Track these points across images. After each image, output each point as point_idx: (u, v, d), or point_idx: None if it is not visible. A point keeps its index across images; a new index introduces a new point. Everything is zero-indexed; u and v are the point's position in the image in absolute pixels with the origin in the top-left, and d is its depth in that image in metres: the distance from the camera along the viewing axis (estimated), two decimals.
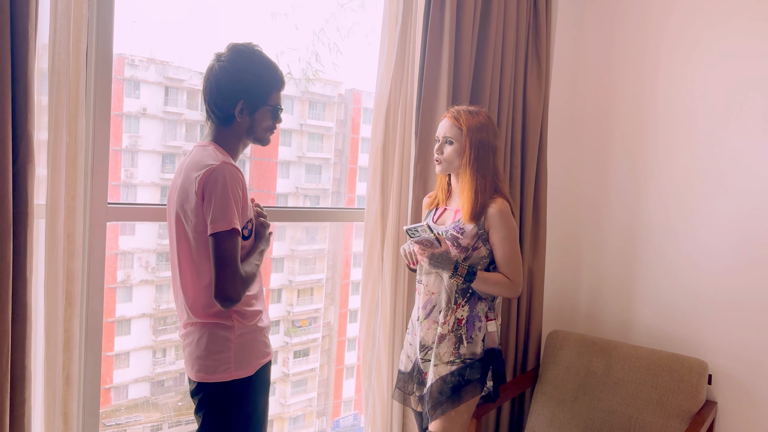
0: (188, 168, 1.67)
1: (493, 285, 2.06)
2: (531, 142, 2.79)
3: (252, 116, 1.73)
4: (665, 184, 2.79)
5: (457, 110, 2.12)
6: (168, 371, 2.62)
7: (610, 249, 2.98)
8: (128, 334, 2.52)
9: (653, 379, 2.52)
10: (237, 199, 1.61)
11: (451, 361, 2.07)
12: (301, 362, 3.05)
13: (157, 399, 2.59)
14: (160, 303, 2.58)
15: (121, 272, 2.46)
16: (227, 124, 1.73)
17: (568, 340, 2.80)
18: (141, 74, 2.40)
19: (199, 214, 1.62)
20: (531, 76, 2.79)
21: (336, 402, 3.16)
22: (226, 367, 1.68)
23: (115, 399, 2.51)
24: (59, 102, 1.70)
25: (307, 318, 3.05)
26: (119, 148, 2.35)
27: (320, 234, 3.07)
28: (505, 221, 2.05)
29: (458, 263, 2.03)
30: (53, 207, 1.72)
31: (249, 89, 1.70)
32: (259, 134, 1.77)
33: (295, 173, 2.87)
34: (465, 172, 2.08)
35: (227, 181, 1.58)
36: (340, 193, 3.00)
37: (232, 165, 1.62)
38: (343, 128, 3.00)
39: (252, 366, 1.72)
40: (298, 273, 3.00)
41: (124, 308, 2.49)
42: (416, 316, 2.22)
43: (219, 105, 1.70)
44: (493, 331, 2.10)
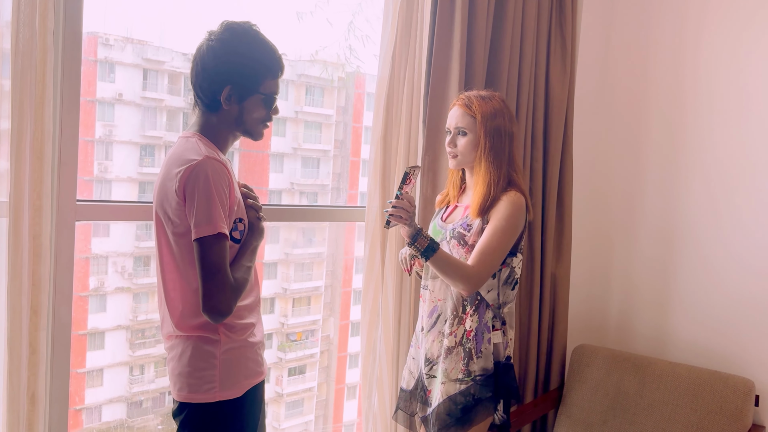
0: (169, 162, 1.66)
1: (453, 267, 2.00)
2: (554, 132, 2.78)
3: (241, 105, 1.71)
4: (709, 179, 2.78)
5: (468, 96, 2.13)
6: (146, 390, 2.60)
7: (644, 252, 2.97)
8: (102, 348, 2.49)
9: (693, 401, 2.51)
10: (223, 198, 1.59)
11: (460, 378, 2.07)
12: (297, 381, 3.02)
13: (134, 422, 2.56)
14: (138, 313, 2.56)
15: (93, 279, 2.43)
16: (214, 111, 1.71)
17: (597, 355, 2.79)
18: (116, 55, 2.38)
19: (181, 215, 1.61)
20: (554, 58, 2.78)
21: (336, 426, 3.15)
22: (210, 387, 1.66)
23: (87, 421, 2.48)
24: (23, 87, 1.69)
25: (303, 331, 3.02)
26: (91, 138, 2.34)
27: (318, 236, 3.07)
28: (508, 211, 2.03)
29: (422, 228, 2.00)
30: (17, 205, 1.71)
31: (238, 73, 1.67)
32: (249, 126, 1.75)
33: (290, 167, 2.85)
34: (480, 164, 2.09)
35: (210, 179, 1.57)
36: (340, 190, 3.00)
37: (216, 160, 1.61)
38: (344, 116, 2.99)
39: (240, 386, 1.71)
40: (294, 280, 2.97)
41: (97, 319, 2.46)
42: (420, 326, 2.22)
43: (204, 90, 1.68)
44: (498, 342, 2.10)
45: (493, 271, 2.04)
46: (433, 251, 1.98)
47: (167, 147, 2.52)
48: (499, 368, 2.09)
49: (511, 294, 2.14)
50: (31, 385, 1.77)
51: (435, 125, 2.45)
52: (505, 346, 2.12)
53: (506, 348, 2.12)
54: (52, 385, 1.88)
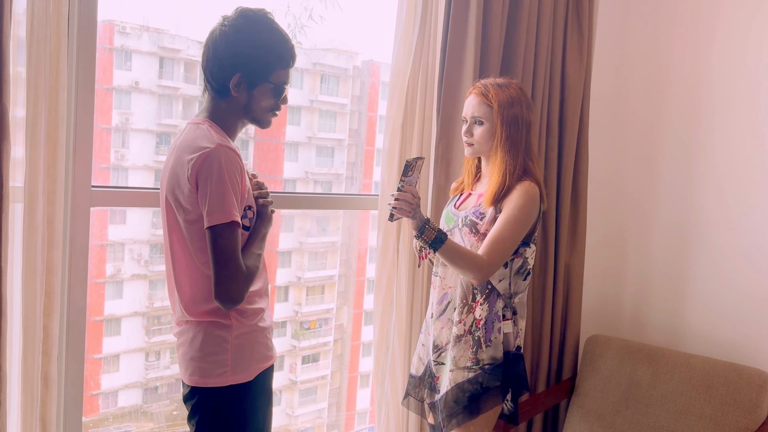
0: (180, 149, 1.66)
1: (462, 257, 1.99)
2: (570, 121, 2.76)
3: (250, 93, 1.70)
4: (724, 168, 2.75)
5: (485, 85, 2.11)
6: (162, 376, 2.64)
7: (658, 243, 2.95)
8: (118, 334, 2.53)
9: (706, 392, 2.50)
10: (236, 186, 1.60)
11: (468, 366, 2.07)
12: (311, 369, 3.06)
13: (149, 407, 2.61)
14: (154, 300, 2.59)
15: (110, 265, 2.46)
16: (223, 97, 1.71)
17: (610, 346, 2.78)
18: (133, 43, 2.38)
19: (193, 203, 1.62)
20: (571, 46, 2.76)
21: (349, 414, 3.18)
22: (223, 371, 1.68)
23: (103, 406, 2.52)
24: (38, 73, 1.71)
25: (317, 319, 3.06)
26: (108, 126, 2.35)
27: (332, 225, 3.09)
28: (521, 201, 2.02)
29: (429, 220, 1.99)
30: (32, 190, 1.73)
31: (249, 61, 1.67)
32: (257, 114, 1.74)
33: (304, 156, 2.87)
34: (496, 153, 2.08)
35: (223, 167, 1.57)
36: (354, 179, 3.00)
37: (228, 148, 1.61)
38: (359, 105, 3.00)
39: (251, 370, 1.72)
40: (308, 269, 2.99)
41: (114, 306, 2.49)
42: (430, 313, 2.22)
43: (215, 75, 1.68)
44: (508, 332, 2.09)
45: (504, 261, 2.02)
46: (441, 242, 1.96)
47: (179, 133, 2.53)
48: (509, 358, 2.08)
49: (523, 284, 2.13)
50: (44, 367, 1.79)
51: (449, 114, 2.44)
52: (515, 336, 2.11)
53: (516, 338, 2.11)
54: (67, 368, 1.90)
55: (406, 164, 1.94)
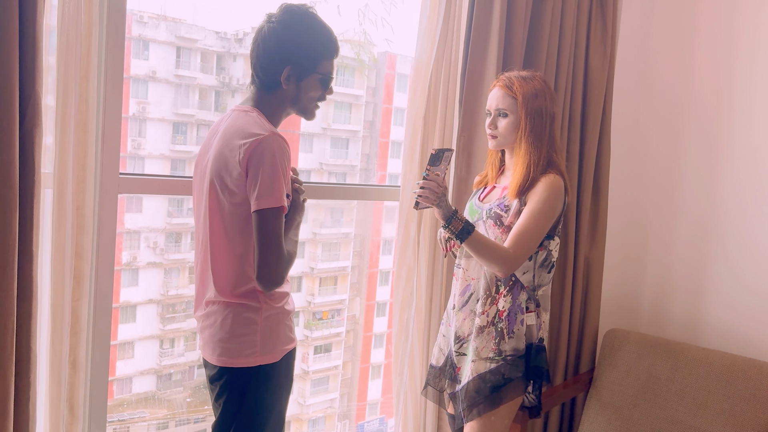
0: (229, 134, 1.73)
1: (488, 248, 2.01)
2: (593, 114, 2.77)
3: (299, 84, 1.79)
4: (751, 160, 2.74)
5: (509, 77, 2.13)
6: (176, 363, 2.67)
7: (678, 237, 2.95)
8: (133, 321, 2.58)
9: (726, 387, 2.51)
10: (286, 173, 1.68)
11: (490, 357, 2.09)
12: (323, 359, 3.09)
13: (163, 394, 2.65)
14: (169, 288, 2.64)
15: (126, 253, 2.50)
16: (271, 91, 1.79)
17: (628, 340, 2.79)
18: (150, 33, 2.42)
19: (240, 186, 1.68)
20: (594, 38, 2.76)
21: (360, 404, 3.21)
22: (251, 351, 1.74)
23: (118, 392, 2.57)
24: (68, 62, 1.75)
25: (329, 310, 3.10)
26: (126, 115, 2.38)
27: (346, 216, 3.11)
28: (546, 194, 2.04)
29: (457, 210, 2.01)
30: (61, 176, 1.78)
31: (298, 54, 1.76)
32: (305, 104, 1.83)
33: (319, 147, 2.90)
34: (520, 145, 2.10)
35: (276, 155, 1.65)
36: (369, 171, 3.03)
37: (281, 137, 1.69)
38: (375, 97, 3.01)
39: (278, 351, 1.78)
40: (321, 259, 3.03)
41: (130, 293, 2.54)
42: (452, 304, 2.24)
43: (265, 69, 1.77)
44: (532, 324, 2.11)
45: (530, 254, 2.04)
46: (468, 233, 1.99)
47: (200, 125, 2.57)
48: (531, 350, 2.11)
49: (547, 277, 2.15)
50: (73, 351, 1.84)
51: (471, 106, 2.45)
52: (538, 328, 2.13)
53: (539, 330, 2.13)
54: (93, 352, 1.94)
55: (432, 154, 1.96)
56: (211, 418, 1.90)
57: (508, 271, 2.03)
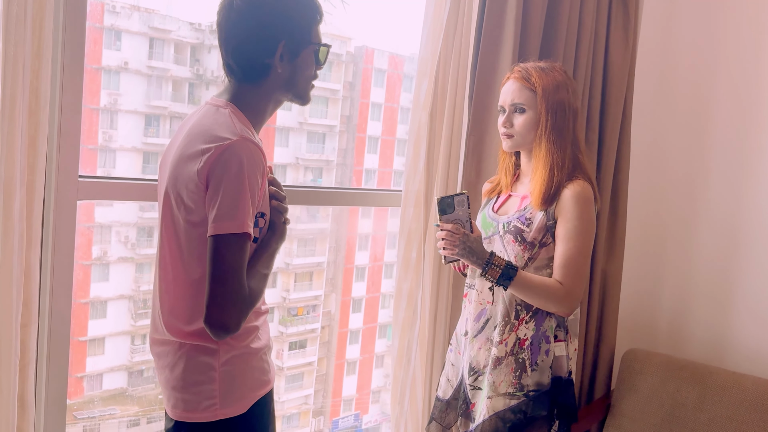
0: (193, 134, 1.45)
1: (539, 291, 1.83)
2: (613, 111, 2.61)
3: (294, 62, 1.51)
4: None
5: (525, 68, 1.92)
6: (148, 360, 2.61)
7: (704, 247, 2.81)
8: (104, 317, 2.52)
9: (761, 417, 2.35)
10: (254, 191, 1.39)
11: (510, 393, 1.88)
12: (297, 355, 3.09)
13: (135, 390, 2.60)
14: (141, 283, 2.59)
15: (96, 248, 2.46)
16: (256, 80, 1.51)
17: (650, 362, 2.63)
18: (123, 23, 2.36)
19: (198, 202, 1.40)
20: (615, 29, 2.59)
21: (335, 400, 3.21)
22: (210, 403, 1.46)
23: (88, 389, 2.53)
24: (17, 44, 1.53)
25: (305, 306, 3.07)
26: (97, 107, 2.36)
27: (322, 212, 3.12)
28: (579, 209, 1.84)
29: (494, 253, 1.82)
30: (8, 181, 1.56)
31: (290, 25, 1.48)
32: (302, 87, 1.55)
33: (295, 142, 2.86)
34: (540, 145, 1.88)
35: (244, 167, 1.36)
36: (346, 166, 3.02)
37: (252, 143, 1.40)
38: (352, 92, 2.98)
39: (244, 401, 1.51)
40: (296, 255, 3.02)
41: (100, 288, 2.49)
42: (463, 330, 2.03)
43: (249, 54, 1.47)
44: (561, 355, 1.91)
45: (585, 282, 1.84)
46: (509, 279, 1.80)
47: (173, 117, 2.51)
48: (561, 384, 1.90)
49: None
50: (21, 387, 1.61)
51: (483, 102, 2.27)
52: (567, 359, 1.92)
53: (569, 361, 1.93)
54: (48, 391, 1.72)
55: (438, 201, 1.81)
56: None
57: (570, 309, 1.85)
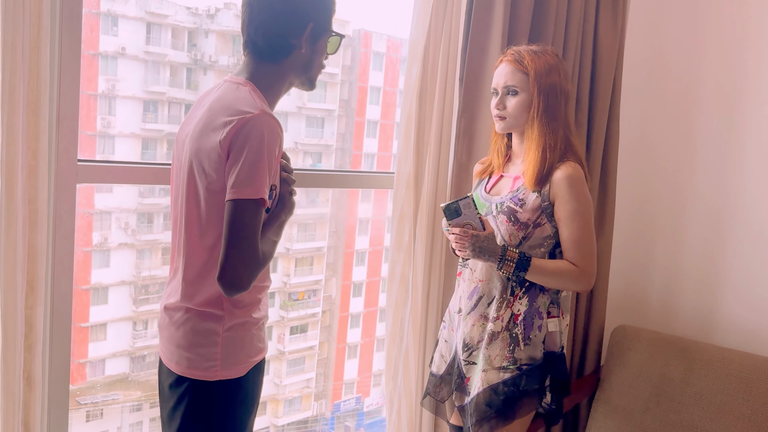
0: (215, 109, 1.52)
1: (555, 275, 1.90)
2: (602, 93, 2.61)
3: (315, 46, 1.62)
4: (766, 151, 2.59)
5: (518, 51, 1.95)
6: (150, 345, 2.65)
7: (692, 226, 2.82)
8: (105, 303, 2.53)
9: (745, 390, 2.37)
10: (272, 162, 1.48)
11: (503, 366, 1.92)
12: (299, 339, 3.10)
13: (137, 375, 2.62)
14: (141, 270, 2.60)
15: (97, 234, 2.47)
16: (276, 60, 1.59)
17: (638, 338, 2.65)
18: (119, 8, 2.35)
19: (220, 170, 1.47)
20: (604, 10, 2.59)
21: (337, 384, 3.24)
22: (212, 365, 1.55)
23: (91, 374, 2.55)
24: (15, 30, 1.54)
25: (305, 290, 3.08)
26: (95, 93, 2.35)
27: (322, 197, 3.12)
28: (575, 190, 1.88)
29: (506, 248, 1.87)
30: (10, 165, 1.59)
31: (318, 9, 1.60)
32: (315, 71, 1.66)
33: (294, 126, 2.85)
34: (532, 127, 1.91)
35: (264, 138, 1.44)
36: (345, 150, 3.01)
37: (274, 118, 1.48)
38: (350, 75, 2.99)
39: (243, 365, 1.60)
40: (297, 240, 3.02)
41: (101, 274, 2.51)
42: (457, 307, 2.07)
43: (280, 31, 1.56)
44: (554, 331, 1.96)
45: (595, 258, 1.92)
46: (524, 269, 1.87)
47: (171, 103, 2.53)
48: (554, 359, 1.94)
49: None
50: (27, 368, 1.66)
51: (473, 84, 2.28)
52: (560, 335, 1.97)
53: (561, 336, 1.98)
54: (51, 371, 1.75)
55: (443, 208, 1.86)
56: None
57: (589, 285, 1.93)
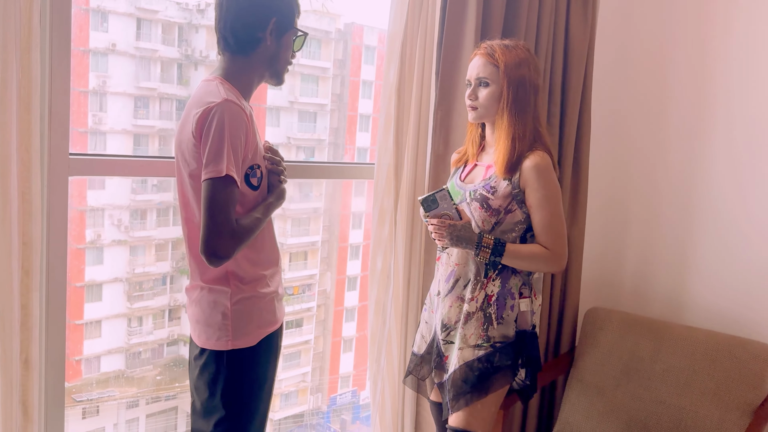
0: (189, 106, 1.70)
1: (529, 258, 2.00)
2: (573, 84, 2.69)
3: (280, 40, 1.75)
4: (734, 140, 2.68)
5: (490, 45, 2.03)
6: (145, 342, 2.67)
7: (662, 213, 2.91)
8: (99, 300, 2.55)
9: (710, 366, 2.47)
10: (236, 143, 1.61)
11: (478, 344, 2.02)
12: (294, 334, 3.09)
13: (133, 372, 2.64)
14: (135, 266, 2.62)
15: (90, 231, 2.49)
16: (248, 52, 1.73)
17: (610, 319, 2.75)
18: (109, 4, 2.37)
19: (197, 157, 1.64)
20: (575, 4, 2.67)
21: (332, 377, 3.24)
22: (224, 335, 1.73)
23: (86, 372, 2.56)
24: (6, 29, 1.60)
25: (300, 285, 3.09)
26: (86, 89, 2.35)
27: (315, 191, 3.11)
28: (544, 178, 1.98)
29: (482, 235, 1.96)
30: (4, 159, 1.64)
31: (281, 5, 1.73)
32: (281, 65, 1.79)
33: (286, 121, 2.85)
34: (502, 117, 2.00)
35: (225, 121, 1.59)
36: (338, 145, 3.01)
37: (234, 103, 1.62)
38: (342, 69, 2.98)
39: (253, 335, 1.76)
40: (291, 235, 3.02)
41: (95, 272, 2.52)
42: (436, 290, 2.16)
43: (243, 27, 1.69)
44: (525, 310, 2.05)
45: (566, 240, 2.02)
46: (500, 255, 1.96)
47: (162, 99, 2.57)
48: (526, 337, 2.04)
49: None
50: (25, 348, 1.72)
51: (449, 77, 2.36)
52: (532, 314, 2.07)
53: (533, 316, 2.07)
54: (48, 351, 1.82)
55: (421, 201, 1.96)
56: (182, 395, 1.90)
57: (561, 266, 2.04)
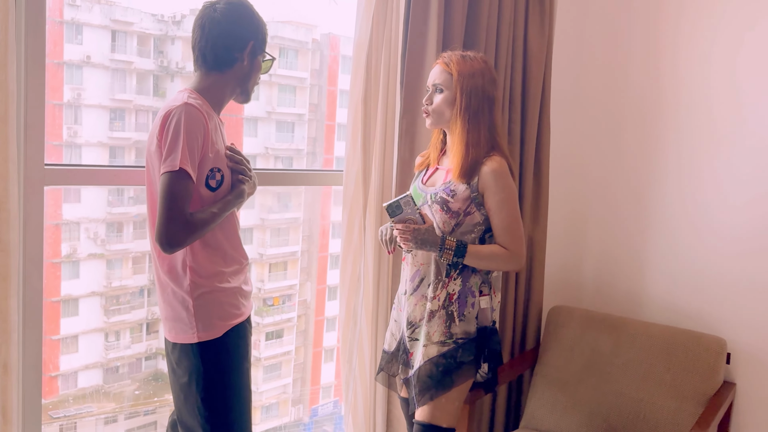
0: (158, 115, 1.79)
1: (489, 258, 2.06)
2: (533, 92, 2.77)
3: (253, 62, 1.88)
4: (684, 141, 2.78)
5: (449, 55, 2.10)
6: (123, 356, 2.62)
7: (619, 214, 2.99)
8: (76, 315, 2.52)
9: (666, 359, 2.56)
10: (192, 141, 1.70)
11: (441, 341, 2.08)
12: (275, 345, 3.08)
13: (110, 387, 2.60)
14: (112, 280, 2.58)
15: (65, 245, 2.44)
16: (223, 70, 1.84)
17: (572, 316, 2.82)
18: (83, 16, 2.37)
19: (159, 157, 1.72)
20: (533, 19, 2.75)
21: (314, 388, 3.20)
22: (189, 329, 1.81)
23: (63, 388, 2.51)
24: None
25: (280, 295, 3.07)
26: (60, 102, 2.32)
27: (294, 201, 3.08)
28: (501, 182, 2.04)
29: (444, 237, 2.02)
30: None
31: (258, 31, 1.87)
32: (251, 84, 1.91)
33: (264, 131, 2.85)
34: (456, 123, 2.06)
35: (182, 121, 1.69)
36: (316, 154, 3.00)
37: (193, 107, 1.72)
38: (319, 79, 2.97)
39: (217, 328, 1.83)
40: (270, 245, 3.00)
41: (71, 286, 2.49)
42: (403, 289, 2.22)
43: (226, 46, 1.81)
44: (486, 307, 2.11)
45: (524, 240, 2.09)
46: (462, 256, 2.03)
47: (138, 111, 2.56)
48: (486, 333, 2.11)
49: None
50: (3, 353, 1.74)
51: (413, 87, 2.42)
52: (491, 311, 2.13)
53: (493, 312, 2.14)
54: (25, 352, 1.85)
55: (386, 207, 2.01)
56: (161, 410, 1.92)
57: (520, 265, 2.11)
